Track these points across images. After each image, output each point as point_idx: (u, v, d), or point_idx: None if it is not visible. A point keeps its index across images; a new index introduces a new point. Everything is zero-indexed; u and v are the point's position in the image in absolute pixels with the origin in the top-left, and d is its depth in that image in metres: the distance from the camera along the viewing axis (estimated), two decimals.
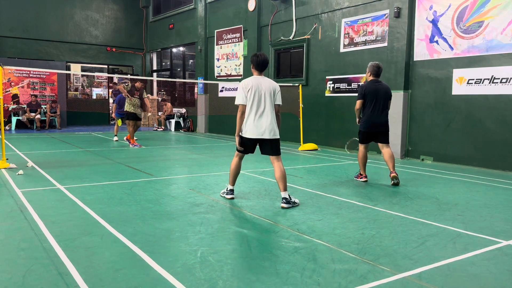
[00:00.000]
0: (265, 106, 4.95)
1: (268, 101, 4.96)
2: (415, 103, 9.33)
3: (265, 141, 4.99)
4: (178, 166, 8.02)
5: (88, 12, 18.97)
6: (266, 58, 5.10)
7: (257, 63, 5.04)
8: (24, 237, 3.69)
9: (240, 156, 5.19)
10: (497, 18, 7.84)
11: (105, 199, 5.12)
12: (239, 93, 4.98)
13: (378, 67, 6.51)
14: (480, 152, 8.23)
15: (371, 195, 5.68)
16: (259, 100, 4.93)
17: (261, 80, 5.02)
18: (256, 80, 5.00)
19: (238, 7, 14.33)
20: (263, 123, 4.92)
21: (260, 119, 4.92)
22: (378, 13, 9.91)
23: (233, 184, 5.29)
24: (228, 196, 5.27)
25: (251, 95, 4.92)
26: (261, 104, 4.94)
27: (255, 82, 4.97)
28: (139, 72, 20.61)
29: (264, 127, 4.92)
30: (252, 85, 4.94)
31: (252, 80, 4.99)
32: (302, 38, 11.90)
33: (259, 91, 4.94)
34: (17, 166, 7.19)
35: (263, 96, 4.94)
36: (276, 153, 5.05)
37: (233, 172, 5.23)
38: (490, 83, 8.00)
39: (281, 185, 4.97)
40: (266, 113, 4.93)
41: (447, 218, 4.58)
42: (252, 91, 4.92)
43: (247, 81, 5.00)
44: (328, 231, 4.04)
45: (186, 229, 4.00)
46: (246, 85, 4.95)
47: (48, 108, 16.37)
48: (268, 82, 5.04)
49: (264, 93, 4.95)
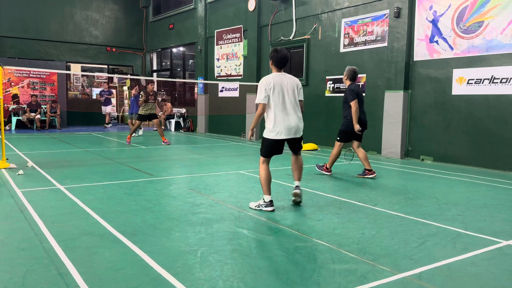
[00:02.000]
0: (291, 104, 4.73)
1: (292, 98, 4.74)
2: (415, 103, 9.33)
3: (294, 139, 4.86)
4: (178, 166, 8.02)
5: (88, 12, 18.98)
6: (287, 54, 4.81)
7: (277, 60, 4.78)
8: (24, 237, 3.69)
9: (268, 161, 4.86)
10: (497, 18, 7.84)
11: (105, 199, 5.12)
12: (259, 92, 4.70)
13: (355, 71, 6.89)
14: (480, 152, 8.24)
15: (371, 195, 5.68)
16: (284, 98, 4.70)
17: (283, 77, 4.78)
18: (278, 78, 4.75)
19: (238, 7, 14.33)
20: (292, 122, 4.73)
21: (288, 118, 4.71)
22: (378, 13, 9.90)
23: (270, 193, 4.75)
24: (269, 209, 4.68)
25: (274, 94, 4.67)
26: (286, 102, 4.71)
27: (277, 79, 4.73)
28: (139, 72, 20.61)
29: (294, 126, 4.75)
30: (274, 83, 4.69)
31: (273, 78, 4.73)
32: (302, 38, 11.90)
33: (282, 89, 4.71)
34: (17, 166, 7.19)
35: (288, 94, 4.72)
36: (300, 148, 5.04)
37: (267, 181, 4.73)
38: (490, 83, 8.00)
39: (296, 175, 5.05)
40: (293, 111, 4.74)
41: (447, 218, 4.58)
42: (276, 89, 4.68)
43: (269, 79, 4.73)
44: (328, 231, 4.05)
45: (186, 229, 4.00)
46: (268, 84, 4.69)
47: (48, 108, 16.37)
48: (290, 79, 4.81)
49: (288, 90, 4.73)
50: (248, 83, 13.21)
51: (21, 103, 16.22)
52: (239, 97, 14.35)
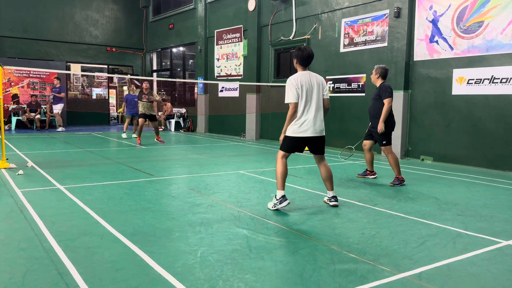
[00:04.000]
0: (317, 103, 4.75)
1: (317, 97, 4.75)
2: (415, 103, 9.32)
3: (317, 139, 4.84)
4: (178, 166, 8.02)
5: (88, 12, 18.97)
6: (312, 52, 4.82)
7: (302, 58, 4.77)
8: (24, 237, 3.69)
9: (287, 156, 4.86)
10: (497, 18, 7.83)
11: (105, 199, 5.12)
12: (289, 91, 4.70)
13: (386, 69, 6.54)
14: (480, 152, 8.23)
15: (371, 195, 5.68)
16: (312, 97, 4.72)
17: (309, 76, 4.77)
18: (305, 77, 4.75)
19: (238, 7, 14.33)
20: (318, 121, 4.75)
21: (315, 116, 4.72)
22: (378, 13, 9.90)
23: (283, 188, 4.77)
24: (284, 204, 4.70)
25: (303, 93, 4.68)
26: (314, 101, 4.73)
27: (304, 79, 4.73)
28: (139, 72, 20.61)
29: (319, 124, 4.78)
30: (302, 82, 4.70)
31: (300, 77, 4.74)
32: (302, 38, 11.89)
33: (310, 88, 4.73)
34: (17, 166, 7.19)
35: (314, 93, 4.74)
36: (324, 151, 4.97)
37: (283, 176, 4.76)
38: (490, 83, 8.00)
39: (329, 185, 5.00)
40: (319, 110, 4.77)
41: (447, 218, 4.58)
42: (304, 88, 4.70)
43: (296, 78, 4.72)
44: (328, 231, 4.04)
45: (186, 229, 4.00)
46: (296, 83, 4.69)
47: (48, 108, 16.37)
48: (315, 77, 4.81)
49: (314, 89, 4.74)
50: (248, 83, 13.21)
51: (21, 103, 16.22)
52: (239, 97, 14.34)
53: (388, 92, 6.31)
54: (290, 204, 4.92)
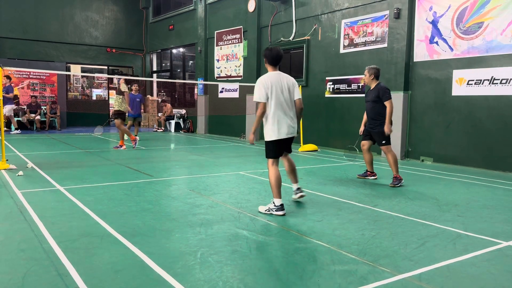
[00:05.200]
0: (288, 103, 4.71)
1: (288, 97, 4.72)
2: (415, 103, 9.32)
3: (290, 139, 4.83)
4: (178, 167, 8.02)
5: (88, 13, 18.98)
6: (280, 51, 4.80)
7: (271, 57, 4.75)
8: (24, 238, 3.69)
9: (277, 162, 4.78)
10: (496, 19, 7.84)
11: (105, 200, 5.12)
12: (258, 90, 4.66)
13: (379, 70, 6.64)
14: (480, 153, 8.23)
15: (371, 196, 5.67)
16: (282, 97, 4.67)
17: (279, 77, 4.73)
18: (275, 77, 4.71)
19: (238, 8, 14.33)
20: (290, 121, 4.72)
21: (287, 117, 4.69)
22: (378, 14, 9.91)
23: (280, 196, 4.65)
24: (279, 213, 4.58)
25: (273, 94, 4.63)
26: (284, 101, 4.68)
27: (274, 79, 4.69)
28: (139, 73, 20.61)
29: (292, 124, 4.74)
30: (272, 82, 4.65)
31: (270, 77, 4.70)
32: (302, 39, 11.90)
33: (280, 88, 4.67)
34: (17, 167, 7.19)
35: (284, 93, 4.69)
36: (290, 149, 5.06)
37: (277, 183, 4.65)
38: (490, 84, 8.00)
39: (293, 178, 5.15)
40: (290, 110, 4.74)
41: (447, 219, 4.58)
42: (274, 89, 4.64)
43: (266, 78, 4.69)
44: (328, 232, 4.04)
45: (186, 230, 4.00)
46: (266, 83, 4.65)
47: (48, 109, 16.37)
48: (286, 78, 4.78)
49: (283, 89, 4.69)
50: (248, 84, 13.20)
51: (21, 104, 16.21)
52: (239, 98, 14.35)
53: (388, 93, 6.37)
54: (290, 205, 4.92)
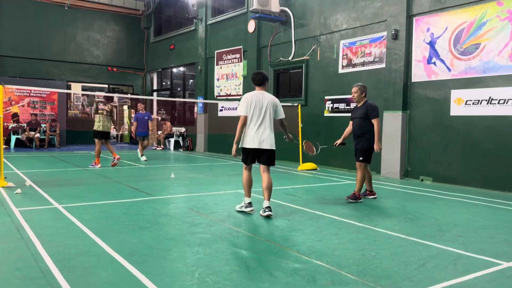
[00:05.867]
0: (264, 119, 5.35)
1: (267, 114, 5.36)
2: (413, 123, 9.36)
3: (264, 151, 5.41)
4: (176, 185, 7.99)
5: (90, 33, 19.21)
6: (262, 74, 5.52)
7: (254, 80, 5.56)
8: (20, 256, 3.65)
9: (248, 168, 5.54)
10: (493, 41, 7.94)
11: (103, 219, 5.08)
12: (240, 105, 5.42)
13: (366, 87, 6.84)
14: (479, 172, 8.22)
15: (371, 215, 5.64)
16: (259, 113, 5.35)
17: (261, 95, 5.42)
18: (257, 95, 5.42)
19: (238, 28, 14.53)
20: (263, 134, 5.33)
21: (259, 130, 5.33)
22: (376, 35, 10.04)
23: (249, 196, 5.54)
24: (247, 210, 5.48)
25: (251, 108, 5.33)
26: (261, 117, 5.34)
27: (255, 96, 5.40)
28: (139, 92, 20.75)
29: (263, 138, 5.33)
30: (252, 98, 5.37)
31: (252, 94, 5.43)
32: (301, 59, 12.03)
33: (259, 105, 5.35)
34: (15, 185, 7.16)
35: (263, 110, 5.35)
36: (271, 163, 5.49)
37: (246, 185, 5.52)
38: (488, 104, 8.05)
39: (267, 194, 5.41)
40: (265, 125, 5.35)
41: (447, 239, 4.54)
42: (253, 104, 5.34)
43: (248, 95, 5.44)
44: (327, 252, 4.00)
45: (184, 250, 3.96)
46: (247, 99, 5.39)
47: (47, 127, 16.40)
48: (268, 97, 5.44)
49: (263, 106, 5.35)
50: None
51: (21, 121, 16.26)
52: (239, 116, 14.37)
53: (377, 111, 6.51)
54: (290, 224, 4.89)
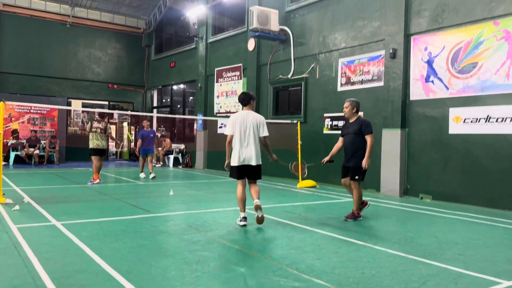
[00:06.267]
0: (249, 137, 5.69)
1: (252, 133, 5.70)
2: (412, 141, 9.39)
3: (250, 167, 5.74)
4: (175, 202, 7.96)
5: (91, 50, 19.40)
6: (247, 94, 5.94)
7: (241, 100, 5.95)
8: (17, 273, 3.62)
9: (242, 183, 5.80)
10: (490, 60, 8.03)
11: (101, 236, 5.05)
12: (227, 125, 5.83)
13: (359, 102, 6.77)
14: (478, 191, 8.21)
15: (371, 233, 5.62)
16: (244, 132, 5.69)
17: (246, 115, 5.78)
18: (242, 115, 5.78)
19: (238, 46, 14.69)
20: (249, 152, 5.67)
21: (246, 149, 5.67)
22: (374, 54, 10.15)
23: (244, 210, 5.77)
24: (241, 223, 5.74)
25: (236, 128, 5.70)
26: (246, 135, 5.69)
27: (240, 116, 5.77)
28: (139, 109, 20.84)
29: (250, 155, 5.68)
30: (237, 118, 5.75)
31: (238, 115, 5.80)
32: (300, 76, 12.13)
33: (244, 124, 5.71)
34: (13, 202, 7.12)
35: (248, 129, 5.70)
36: (257, 177, 5.86)
37: (240, 200, 5.78)
38: (486, 122, 8.09)
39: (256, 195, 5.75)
40: (250, 143, 5.68)
41: (448, 258, 4.51)
42: (237, 124, 5.71)
43: (234, 116, 5.82)
44: (327, 270, 3.97)
45: (182, 267, 3.93)
46: (232, 119, 5.78)
47: (47, 144, 16.41)
48: (253, 116, 5.79)
49: (248, 125, 5.71)
50: None
51: (20, 138, 16.27)
52: None
53: (371, 127, 6.44)
54: (289, 242, 4.87)
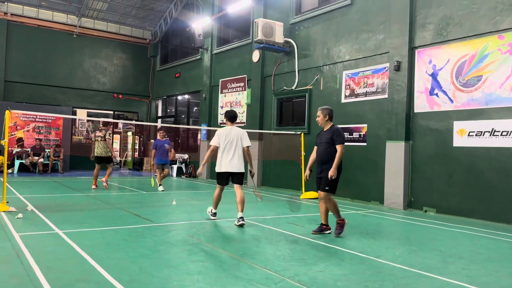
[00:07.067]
0: (234, 149, 6.74)
1: (234, 145, 6.73)
2: (416, 154, 9.36)
3: (235, 174, 6.81)
4: (178, 212, 7.95)
5: (97, 60, 19.58)
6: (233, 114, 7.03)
7: (231, 116, 7.00)
8: (19, 282, 3.61)
9: (221, 188, 6.97)
10: (495, 73, 8.03)
11: (103, 245, 5.05)
12: (214, 138, 6.83)
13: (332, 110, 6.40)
14: (483, 204, 8.15)
15: (374, 246, 5.58)
16: (230, 144, 6.72)
17: (230, 130, 6.82)
18: (227, 130, 6.82)
19: (242, 58, 14.78)
20: (234, 161, 6.73)
21: (231, 158, 6.71)
22: (378, 66, 10.18)
23: (216, 208, 7.08)
24: (212, 218, 7.06)
25: (223, 141, 6.73)
26: (231, 147, 6.73)
27: (225, 132, 6.80)
28: (144, 118, 20.94)
29: (234, 164, 6.73)
30: (222, 133, 6.78)
31: (224, 130, 6.83)
32: (304, 88, 12.17)
33: (229, 138, 6.74)
34: (16, 210, 7.14)
35: (232, 141, 6.73)
36: (241, 182, 6.92)
37: (216, 200, 7.03)
38: (491, 135, 8.06)
39: (240, 207, 6.67)
40: (234, 154, 6.74)
41: (452, 272, 4.47)
42: (222, 137, 6.74)
43: (221, 130, 6.83)
44: (330, 283, 3.94)
45: (184, 278, 3.91)
46: (219, 133, 6.80)
47: (51, 152, 16.48)
48: (236, 131, 6.84)
49: (233, 139, 6.74)
50: (251, 130, 13.34)
51: (25, 146, 16.35)
52: None
53: (342, 137, 6.16)
54: (291, 254, 4.85)
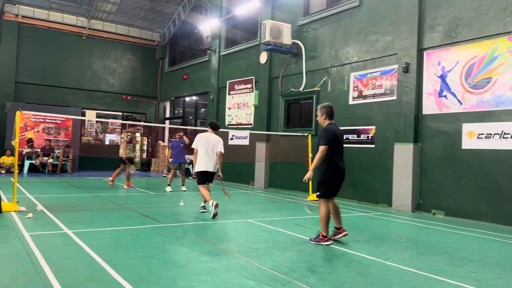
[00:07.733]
0: (211, 152, 7.76)
1: (210, 148, 7.75)
2: (425, 156, 9.30)
3: (210, 173, 7.83)
4: (185, 213, 7.98)
5: (106, 62, 19.73)
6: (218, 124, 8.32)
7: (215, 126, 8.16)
8: (28, 281, 3.66)
9: (204, 186, 7.80)
10: (505, 75, 7.97)
11: (112, 245, 5.09)
12: (195, 141, 7.88)
13: (332, 108, 5.85)
14: (492, 207, 8.08)
15: (382, 249, 5.55)
16: (207, 148, 7.74)
17: (209, 135, 7.89)
18: (206, 135, 7.90)
19: (250, 59, 14.81)
20: (209, 162, 7.75)
21: (208, 159, 7.73)
22: (387, 68, 10.14)
23: (210, 200, 7.56)
24: (201, 210, 7.97)
25: (199, 145, 7.77)
26: (208, 150, 7.74)
27: (205, 137, 7.85)
28: (152, 120, 21.05)
29: (210, 164, 7.76)
30: (201, 138, 7.84)
31: (204, 135, 7.91)
32: (312, 90, 12.15)
33: (207, 142, 7.78)
34: (26, 209, 7.22)
35: (209, 145, 7.76)
36: (211, 181, 8.06)
37: (205, 194, 7.70)
38: (501, 138, 8.00)
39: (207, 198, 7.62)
40: (211, 156, 7.76)
41: (460, 275, 4.44)
42: (201, 141, 7.80)
43: (201, 135, 7.91)
44: (337, 285, 3.94)
45: (192, 278, 3.93)
46: (198, 138, 7.88)
47: (61, 153, 16.63)
48: (214, 137, 7.87)
49: (210, 143, 7.78)
50: (258, 132, 13.37)
51: (35, 147, 16.52)
52: (249, 145, 14.47)
53: (325, 138, 5.52)
54: (299, 256, 4.86)
